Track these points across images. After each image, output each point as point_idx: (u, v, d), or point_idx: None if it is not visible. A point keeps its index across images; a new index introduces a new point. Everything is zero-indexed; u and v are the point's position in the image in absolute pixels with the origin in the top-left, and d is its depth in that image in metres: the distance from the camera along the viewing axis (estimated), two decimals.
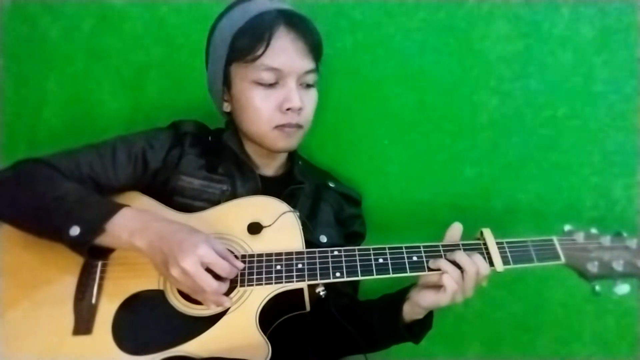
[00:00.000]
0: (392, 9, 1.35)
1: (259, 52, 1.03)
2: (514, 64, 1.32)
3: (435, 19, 1.34)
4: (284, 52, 1.05)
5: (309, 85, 1.11)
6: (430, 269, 0.94)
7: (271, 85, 1.06)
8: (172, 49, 1.42)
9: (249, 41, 1.04)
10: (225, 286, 0.91)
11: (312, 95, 1.12)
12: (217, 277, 0.89)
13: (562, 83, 1.31)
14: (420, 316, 0.98)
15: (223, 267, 0.89)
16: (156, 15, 1.42)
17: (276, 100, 1.06)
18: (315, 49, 1.10)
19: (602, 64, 1.29)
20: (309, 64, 1.08)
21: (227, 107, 1.14)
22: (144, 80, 1.43)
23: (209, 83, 1.17)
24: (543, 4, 1.30)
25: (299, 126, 1.09)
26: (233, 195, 1.09)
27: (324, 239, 1.13)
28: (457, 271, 0.91)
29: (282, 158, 1.22)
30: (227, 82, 1.11)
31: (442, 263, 0.93)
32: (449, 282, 0.91)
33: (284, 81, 1.06)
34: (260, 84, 1.05)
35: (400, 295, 1.01)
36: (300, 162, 1.24)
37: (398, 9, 1.35)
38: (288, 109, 1.06)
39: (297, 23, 1.07)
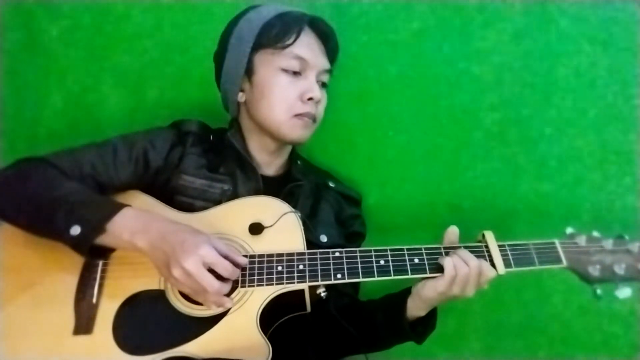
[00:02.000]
0: (394, 10, 1.35)
1: (290, 41, 1.09)
2: (514, 65, 1.33)
3: (435, 20, 1.35)
4: (309, 47, 1.12)
5: (323, 84, 1.16)
6: (428, 258, 0.96)
7: (295, 74, 1.10)
8: (172, 49, 1.42)
9: (280, 30, 1.09)
10: (227, 287, 0.91)
11: (324, 95, 1.17)
12: (219, 277, 0.89)
13: (562, 84, 1.31)
14: (423, 312, 0.99)
15: (225, 267, 0.90)
16: (156, 16, 1.41)
17: (299, 90, 1.10)
18: (332, 52, 1.19)
19: (602, 64, 1.30)
20: (327, 64, 1.16)
21: (242, 97, 1.16)
22: (144, 80, 1.42)
23: (225, 73, 1.16)
24: (543, 6, 1.31)
25: (314, 119, 1.13)
26: (234, 194, 1.10)
27: (324, 238, 1.13)
28: (460, 260, 0.93)
29: (284, 157, 1.22)
30: (249, 70, 1.12)
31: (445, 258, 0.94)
32: (449, 265, 0.92)
33: (305, 74, 1.12)
34: (286, 71, 1.10)
35: (405, 293, 1.01)
36: (299, 162, 1.24)
37: (399, 11, 1.35)
38: (310, 99, 1.10)
39: (320, 26, 1.15)
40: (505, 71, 1.33)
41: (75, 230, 0.90)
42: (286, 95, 1.10)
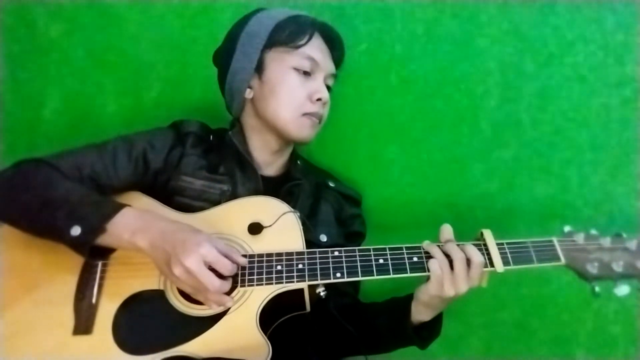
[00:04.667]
0: (394, 11, 1.36)
1: (303, 42, 1.12)
2: (514, 65, 1.33)
3: (436, 20, 1.35)
4: (319, 50, 1.15)
5: (328, 87, 1.17)
6: (427, 256, 0.95)
7: (305, 75, 1.12)
8: (172, 49, 1.42)
9: (294, 29, 1.12)
10: (227, 285, 0.92)
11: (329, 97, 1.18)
12: (219, 276, 0.89)
13: (562, 84, 1.31)
14: (426, 317, 0.99)
15: (225, 265, 0.90)
16: (156, 15, 1.42)
17: (308, 90, 1.12)
18: (338, 58, 1.23)
19: (602, 64, 1.30)
20: (334, 68, 1.20)
21: (249, 93, 1.16)
22: (144, 80, 1.43)
23: (233, 69, 1.16)
24: (543, 6, 1.31)
25: (320, 120, 1.15)
26: (233, 195, 1.10)
27: (324, 238, 1.13)
28: (444, 259, 0.92)
29: (285, 157, 1.23)
30: (259, 67, 1.14)
31: (434, 249, 0.94)
32: (434, 267, 0.92)
33: (314, 75, 1.14)
34: (298, 70, 1.12)
35: (409, 297, 1.01)
36: (299, 162, 1.25)
37: (399, 11, 1.36)
38: (318, 99, 1.12)
39: (329, 32, 1.19)
40: (504, 71, 1.33)
41: (76, 230, 0.90)
42: (296, 94, 1.12)
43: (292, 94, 1.12)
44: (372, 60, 1.38)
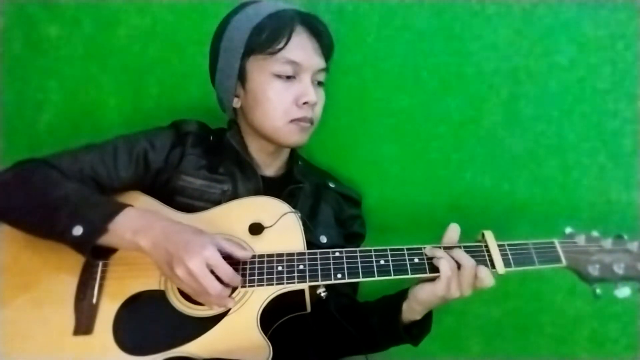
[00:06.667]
0: (394, 9, 1.35)
1: (281, 45, 1.06)
2: (515, 65, 1.32)
3: (436, 20, 1.34)
4: (302, 48, 1.08)
5: (320, 83, 1.14)
6: (428, 258, 0.95)
7: (289, 79, 1.08)
8: (172, 49, 1.42)
9: (270, 34, 1.06)
10: (228, 290, 0.92)
11: (321, 94, 1.15)
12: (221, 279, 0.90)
13: (563, 85, 1.31)
14: (419, 315, 0.99)
15: (226, 272, 0.90)
16: (156, 15, 1.41)
17: (293, 94, 1.08)
18: (327, 48, 1.14)
19: (603, 65, 1.30)
20: (322, 62, 1.12)
21: (237, 102, 1.14)
22: (144, 80, 1.42)
23: (218, 78, 1.15)
24: (544, 6, 1.30)
25: (311, 122, 1.11)
26: (234, 195, 1.10)
27: (324, 239, 1.13)
28: (453, 261, 0.92)
29: (284, 158, 1.22)
30: (241, 76, 1.11)
31: (439, 252, 0.94)
32: (444, 267, 0.91)
33: (299, 77, 1.09)
34: (279, 76, 1.08)
35: (400, 295, 1.01)
36: (300, 162, 1.24)
37: (399, 10, 1.35)
38: (305, 103, 1.08)
39: (312, 23, 1.11)
40: (505, 71, 1.33)
41: (78, 230, 0.90)
42: (281, 101, 1.08)
43: (276, 103, 1.08)
44: (373, 59, 1.37)
